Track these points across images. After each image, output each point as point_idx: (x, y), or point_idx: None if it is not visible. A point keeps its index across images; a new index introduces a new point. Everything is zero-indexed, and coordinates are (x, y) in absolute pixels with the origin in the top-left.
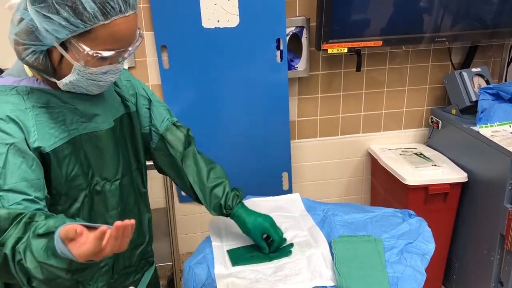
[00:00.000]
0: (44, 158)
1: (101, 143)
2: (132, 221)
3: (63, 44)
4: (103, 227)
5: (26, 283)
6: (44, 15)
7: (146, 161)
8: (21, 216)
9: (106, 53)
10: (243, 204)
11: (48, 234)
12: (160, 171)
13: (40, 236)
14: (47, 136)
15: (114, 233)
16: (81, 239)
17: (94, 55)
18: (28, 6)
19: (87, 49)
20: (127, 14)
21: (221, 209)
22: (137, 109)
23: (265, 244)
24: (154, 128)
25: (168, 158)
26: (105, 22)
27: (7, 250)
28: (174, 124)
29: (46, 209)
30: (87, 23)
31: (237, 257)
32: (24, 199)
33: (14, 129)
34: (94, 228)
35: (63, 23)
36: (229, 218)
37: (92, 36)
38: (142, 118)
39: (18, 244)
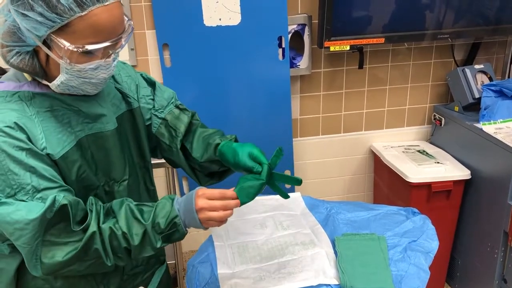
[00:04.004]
0: (53, 163)
1: (107, 143)
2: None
3: (46, 43)
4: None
5: (112, 258)
6: (22, 13)
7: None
8: (82, 203)
9: (89, 47)
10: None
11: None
12: (168, 157)
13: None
14: (55, 142)
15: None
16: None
17: (75, 49)
18: (9, 7)
19: (67, 44)
20: (106, 3)
21: (211, 152)
22: (138, 103)
23: (255, 163)
24: (155, 112)
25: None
26: (82, 14)
27: (94, 228)
28: (177, 107)
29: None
30: (63, 16)
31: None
32: (61, 190)
33: (24, 137)
34: None
35: (39, 19)
36: (230, 217)
37: (71, 30)
38: (144, 111)
39: (108, 223)
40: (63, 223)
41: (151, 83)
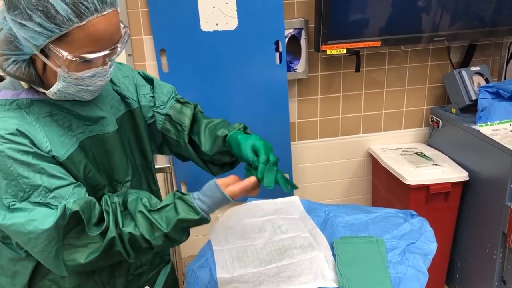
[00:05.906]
0: (60, 165)
1: (108, 145)
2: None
3: (44, 51)
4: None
5: (133, 256)
6: (20, 22)
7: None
8: (95, 202)
9: (87, 56)
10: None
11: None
12: (177, 152)
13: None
14: (58, 145)
15: None
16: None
17: (74, 59)
18: (5, 15)
19: (65, 54)
20: (104, 13)
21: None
22: (139, 102)
23: (255, 157)
24: (156, 109)
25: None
26: (81, 24)
27: (113, 233)
28: (178, 101)
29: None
30: (62, 27)
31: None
32: (74, 187)
33: (26, 142)
34: None
35: (38, 29)
36: (229, 222)
37: (69, 40)
38: (145, 110)
39: (125, 226)
40: (80, 226)
41: (149, 80)
